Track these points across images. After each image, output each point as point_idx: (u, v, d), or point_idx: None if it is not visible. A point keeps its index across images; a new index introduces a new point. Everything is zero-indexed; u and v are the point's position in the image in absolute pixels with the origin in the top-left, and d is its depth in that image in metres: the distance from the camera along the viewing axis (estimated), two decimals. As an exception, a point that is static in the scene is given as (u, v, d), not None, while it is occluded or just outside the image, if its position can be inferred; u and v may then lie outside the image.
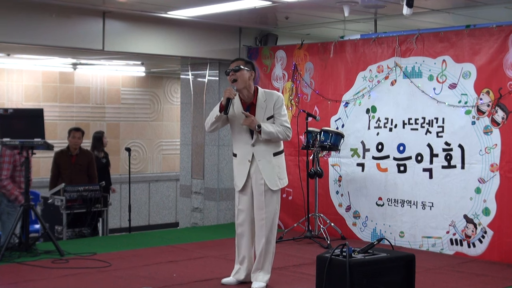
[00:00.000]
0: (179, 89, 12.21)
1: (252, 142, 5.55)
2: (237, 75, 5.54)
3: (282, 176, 5.63)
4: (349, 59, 8.17)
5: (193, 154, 9.95)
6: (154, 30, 8.70)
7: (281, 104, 5.61)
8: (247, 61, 5.69)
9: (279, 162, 5.62)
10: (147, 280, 5.87)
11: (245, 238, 5.67)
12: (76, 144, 8.84)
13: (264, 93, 5.64)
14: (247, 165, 5.57)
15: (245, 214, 5.64)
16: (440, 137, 7.31)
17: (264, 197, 5.54)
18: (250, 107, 5.60)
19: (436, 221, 7.32)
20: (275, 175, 5.56)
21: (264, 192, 5.54)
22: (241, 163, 5.61)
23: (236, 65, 5.57)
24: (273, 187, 5.55)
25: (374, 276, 4.63)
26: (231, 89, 5.50)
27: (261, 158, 5.54)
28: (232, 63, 5.67)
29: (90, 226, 8.31)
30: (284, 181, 5.65)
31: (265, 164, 5.55)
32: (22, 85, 11.30)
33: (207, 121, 5.68)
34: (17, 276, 6.03)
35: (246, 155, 5.57)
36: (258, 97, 5.60)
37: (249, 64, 5.66)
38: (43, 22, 7.80)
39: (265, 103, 5.58)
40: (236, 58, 5.92)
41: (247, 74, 5.57)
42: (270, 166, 5.55)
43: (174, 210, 13.04)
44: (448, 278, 6.18)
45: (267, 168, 5.54)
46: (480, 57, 6.99)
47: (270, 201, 5.56)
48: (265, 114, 5.56)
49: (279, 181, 5.59)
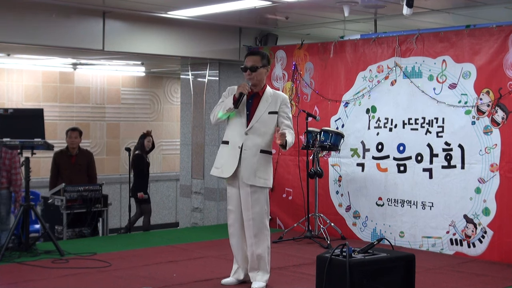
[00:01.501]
0: (179, 89, 12.21)
1: (246, 130, 5.53)
2: (254, 75, 5.55)
3: (261, 175, 5.49)
4: (349, 59, 8.17)
5: (193, 154, 9.95)
6: (154, 30, 8.70)
7: (288, 105, 5.62)
8: (263, 56, 5.63)
9: (264, 161, 5.52)
10: (147, 280, 5.87)
11: (237, 238, 5.66)
12: (73, 143, 8.84)
13: (272, 91, 5.66)
14: (238, 151, 5.50)
15: (235, 214, 5.63)
16: (440, 137, 7.31)
17: (251, 197, 5.49)
18: (255, 97, 5.59)
19: (436, 221, 7.32)
20: (252, 170, 5.47)
21: (251, 194, 5.48)
22: (232, 150, 5.54)
23: (254, 64, 5.54)
24: (246, 181, 5.46)
25: (374, 276, 4.63)
26: (246, 85, 5.49)
27: (248, 149, 5.49)
28: (248, 57, 5.63)
29: (90, 226, 8.31)
30: (262, 181, 5.50)
31: (248, 155, 5.48)
32: (22, 85, 11.30)
33: (215, 114, 5.61)
34: (17, 276, 6.03)
35: (238, 143, 5.52)
36: (265, 92, 5.61)
37: (265, 59, 5.62)
38: (43, 22, 7.80)
39: (271, 98, 5.58)
40: (253, 51, 5.84)
41: (264, 72, 5.60)
42: (253, 160, 5.47)
43: (174, 210, 13.04)
44: (448, 278, 6.18)
45: (247, 160, 5.47)
46: (480, 57, 6.99)
47: (257, 202, 5.50)
48: (267, 108, 5.55)
49: (256, 178, 5.47)
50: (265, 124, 5.54)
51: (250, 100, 5.58)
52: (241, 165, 5.49)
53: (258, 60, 5.56)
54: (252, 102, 5.57)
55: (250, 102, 5.58)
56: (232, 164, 5.52)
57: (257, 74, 5.54)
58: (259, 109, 5.54)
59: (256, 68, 5.53)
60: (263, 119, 5.54)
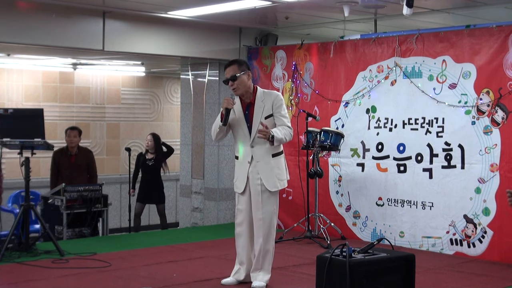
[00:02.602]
0: (179, 89, 12.20)
1: (250, 143, 5.56)
2: (236, 84, 5.52)
3: (282, 177, 5.60)
4: (349, 59, 8.17)
5: (193, 154, 9.95)
6: (154, 30, 8.70)
7: (280, 104, 5.57)
8: (240, 63, 5.60)
9: (278, 163, 5.60)
10: (147, 280, 5.87)
11: (244, 238, 5.67)
12: (72, 143, 8.83)
13: (262, 93, 5.62)
14: (247, 166, 5.57)
15: (244, 214, 5.65)
16: (440, 137, 7.31)
17: (261, 197, 5.53)
18: (250, 107, 5.59)
19: (436, 221, 7.32)
20: (274, 176, 5.55)
21: (261, 193, 5.53)
22: (242, 164, 5.62)
23: (232, 73, 5.51)
24: (271, 188, 5.53)
25: (374, 276, 4.63)
26: (230, 99, 5.49)
27: (260, 159, 5.54)
28: (226, 69, 5.58)
29: (90, 226, 8.31)
30: (283, 182, 5.62)
31: (263, 165, 5.53)
32: (22, 85, 11.29)
33: (212, 132, 5.67)
34: (17, 276, 6.03)
35: (246, 157, 5.57)
36: (257, 96, 5.59)
37: (243, 65, 5.59)
38: (43, 22, 7.79)
39: (263, 103, 5.56)
40: (228, 62, 5.70)
41: (245, 78, 5.55)
42: (269, 167, 5.54)
43: (174, 210, 13.03)
44: (448, 278, 6.18)
45: (265, 169, 5.53)
46: (480, 57, 6.99)
47: (268, 202, 5.55)
48: (263, 113, 5.54)
49: (279, 182, 5.58)
50: None
51: (247, 112, 5.58)
52: (260, 175, 5.51)
53: (236, 69, 5.53)
54: (249, 113, 5.58)
55: (247, 114, 5.58)
56: (242, 178, 5.60)
57: (239, 83, 5.51)
58: (255, 119, 5.54)
59: (235, 77, 5.50)
60: None
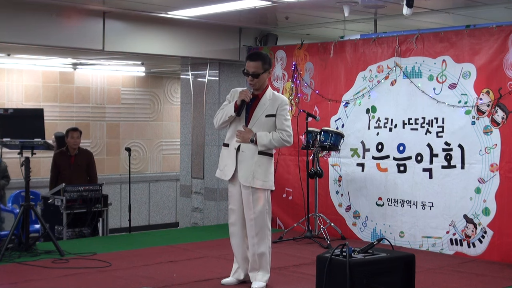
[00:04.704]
0: (179, 89, 12.21)
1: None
2: (255, 81, 5.54)
3: (259, 176, 5.49)
4: (349, 59, 8.17)
5: (193, 154, 9.95)
6: (154, 30, 8.70)
7: (285, 108, 5.59)
8: (265, 60, 5.57)
9: (262, 162, 5.53)
10: (147, 280, 5.87)
11: (238, 238, 5.67)
12: (75, 144, 8.84)
13: (272, 93, 5.65)
14: (234, 153, 5.54)
15: (237, 214, 5.64)
16: (440, 137, 7.31)
17: (252, 197, 5.51)
18: (255, 99, 5.59)
19: (436, 221, 7.32)
20: (250, 172, 5.49)
21: (252, 193, 5.50)
22: (230, 152, 5.59)
23: (255, 70, 5.51)
24: (244, 182, 5.49)
25: (374, 276, 4.63)
26: (248, 92, 5.51)
27: (246, 151, 5.52)
28: (250, 62, 5.55)
29: (90, 226, 8.31)
30: (260, 182, 5.49)
31: (245, 157, 5.51)
32: (22, 85, 11.30)
33: (218, 118, 5.64)
34: (17, 276, 6.03)
35: (235, 145, 5.55)
36: (265, 93, 5.61)
37: (267, 63, 5.58)
38: (43, 22, 7.79)
39: (269, 101, 5.58)
40: (254, 53, 5.72)
41: (265, 76, 5.59)
42: (250, 162, 5.50)
43: (174, 210, 13.04)
44: (448, 278, 6.18)
45: (245, 162, 5.50)
46: (480, 57, 6.99)
47: (258, 201, 5.52)
48: (265, 110, 5.55)
49: (254, 180, 5.48)
50: (262, 127, 5.54)
51: (250, 103, 5.58)
52: (239, 167, 5.51)
53: (260, 66, 5.53)
54: (251, 105, 5.59)
55: (250, 105, 5.59)
56: (231, 166, 5.56)
57: (259, 80, 5.55)
58: (256, 112, 5.56)
59: (258, 75, 5.53)
60: (260, 122, 5.55)
